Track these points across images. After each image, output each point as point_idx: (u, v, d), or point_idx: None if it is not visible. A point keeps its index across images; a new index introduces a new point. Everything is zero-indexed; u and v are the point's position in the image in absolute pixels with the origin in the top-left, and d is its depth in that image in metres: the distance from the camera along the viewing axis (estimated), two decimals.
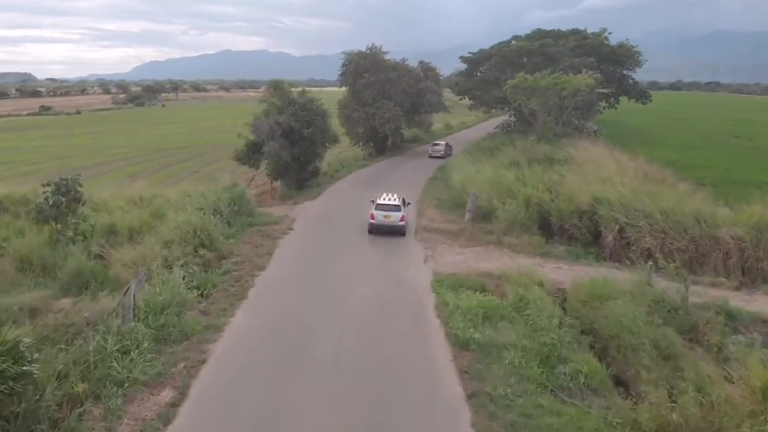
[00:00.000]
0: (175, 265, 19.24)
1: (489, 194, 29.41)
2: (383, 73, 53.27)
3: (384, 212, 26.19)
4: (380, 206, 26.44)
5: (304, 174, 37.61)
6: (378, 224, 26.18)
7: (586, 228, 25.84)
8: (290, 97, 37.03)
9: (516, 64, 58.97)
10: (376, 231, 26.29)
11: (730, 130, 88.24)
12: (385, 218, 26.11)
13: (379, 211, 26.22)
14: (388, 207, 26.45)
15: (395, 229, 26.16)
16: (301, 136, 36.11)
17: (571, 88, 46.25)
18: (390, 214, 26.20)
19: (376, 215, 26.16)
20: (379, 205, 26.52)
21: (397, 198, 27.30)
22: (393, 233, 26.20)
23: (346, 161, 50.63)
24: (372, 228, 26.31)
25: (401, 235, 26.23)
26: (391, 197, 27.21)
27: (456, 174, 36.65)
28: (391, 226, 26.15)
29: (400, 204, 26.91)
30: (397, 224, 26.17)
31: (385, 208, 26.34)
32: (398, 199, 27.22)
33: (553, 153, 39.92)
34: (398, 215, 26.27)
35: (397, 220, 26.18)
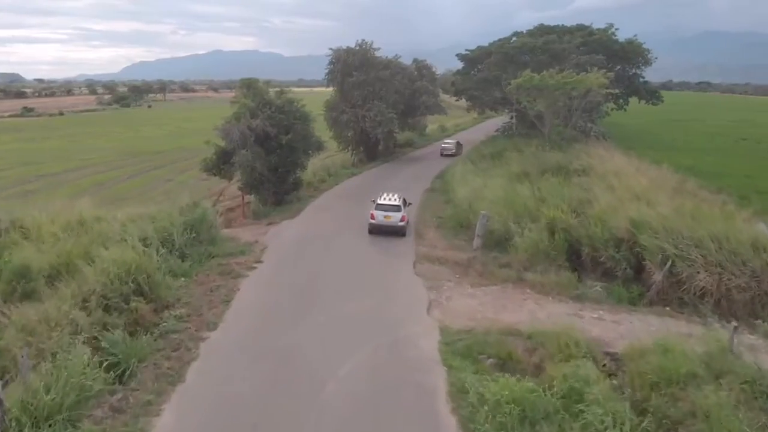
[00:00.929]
0: (87, 332, 13.77)
1: (501, 214, 24.15)
2: (374, 71, 47.94)
3: (384, 212, 25.46)
4: (380, 206, 25.72)
5: (283, 187, 32.22)
6: (378, 224, 25.42)
7: (626, 260, 20.63)
8: (266, 98, 31.58)
9: (517, 62, 53.77)
10: (376, 231, 25.47)
11: (735, 132, 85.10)
12: (386, 218, 25.38)
13: (380, 211, 25.50)
14: (389, 207, 25.72)
15: (395, 229, 25.40)
16: (278, 143, 30.72)
17: (582, 88, 41.11)
18: (390, 214, 25.46)
19: (376, 215, 25.43)
20: (380, 205, 25.80)
21: (397, 198, 26.44)
22: (393, 233, 25.32)
23: (334, 169, 45.27)
24: (372, 228, 25.53)
25: (402, 236, 25.34)
26: (391, 197, 26.46)
27: (459, 187, 31.38)
28: (391, 227, 25.38)
29: (400, 204, 26.10)
30: (398, 224, 25.41)
31: (385, 208, 25.62)
32: (399, 199, 26.39)
33: (568, 162, 34.73)
34: (398, 215, 25.50)
35: (398, 221, 25.41)
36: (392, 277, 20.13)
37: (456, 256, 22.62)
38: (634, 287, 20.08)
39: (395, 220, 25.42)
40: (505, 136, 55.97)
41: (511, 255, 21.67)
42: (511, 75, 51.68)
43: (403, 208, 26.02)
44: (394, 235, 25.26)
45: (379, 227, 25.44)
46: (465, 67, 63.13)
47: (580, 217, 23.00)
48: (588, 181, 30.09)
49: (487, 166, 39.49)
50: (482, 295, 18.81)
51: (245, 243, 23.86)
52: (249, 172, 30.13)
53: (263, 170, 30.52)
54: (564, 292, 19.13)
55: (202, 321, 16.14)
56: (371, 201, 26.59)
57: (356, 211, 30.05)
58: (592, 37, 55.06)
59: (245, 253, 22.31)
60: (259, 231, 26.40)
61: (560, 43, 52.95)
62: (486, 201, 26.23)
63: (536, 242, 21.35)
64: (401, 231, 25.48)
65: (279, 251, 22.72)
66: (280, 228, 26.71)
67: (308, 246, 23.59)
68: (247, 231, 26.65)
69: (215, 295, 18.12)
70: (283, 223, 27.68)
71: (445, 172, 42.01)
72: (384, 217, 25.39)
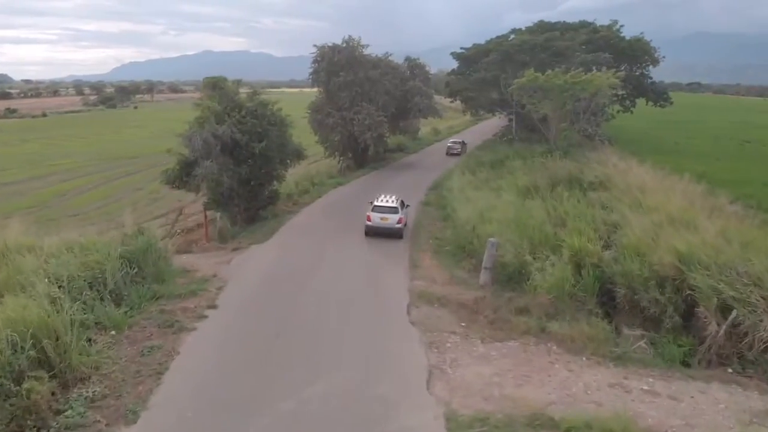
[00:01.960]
0: None
1: (513, 242, 19.76)
2: (362, 70, 43.47)
3: (381, 214, 25.07)
4: (377, 208, 25.35)
5: (255, 202, 27.76)
6: (375, 226, 25.04)
7: (673, 305, 16.30)
8: (235, 100, 27.02)
9: (517, 61, 49.50)
10: (372, 233, 25.05)
11: (737, 135, 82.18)
12: (382, 220, 25.00)
13: (376, 213, 25.12)
14: (386, 209, 25.30)
15: (392, 231, 24.97)
16: (250, 152, 26.23)
17: (592, 88, 36.88)
18: (387, 216, 25.05)
19: (373, 217, 25.07)
20: (377, 207, 25.44)
21: (395, 200, 25.95)
22: (390, 236, 24.83)
23: (318, 177, 40.81)
24: (368, 230, 25.14)
25: (399, 238, 24.86)
26: (389, 199, 25.96)
27: (459, 205, 26.96)
28: (388, 229, 24.96)
29: (397, 206, 25.63)
30: (395, 227, 25.01)
31: (382, 210, 25.23)
32: (396, 201, 25.91)
33: (581, 172, 30.43)
34: (395, 217, 25.11)
35: (395, 223, 25.04)
36: (381, 329, 15.64)
37: (460, 295, 18.20)
38: (683, 339, 15.81)
39: (392, 222, 24.88)
40: (504, 141, 51.68)
41: (528, 296, 17.24)
42: (511, 75, 47.51)
43: (400, 210, 25.47)
44: (391, 237, 24.72)
45: (375, 229, 24.95)
46: (460, 67, 58.74)
47: (611, 247, 18.72)
48: (608, 197, 25.81)
49: (487, 177, 35.13)
50: (497, 357, 14.37)
51: (201, 278, 19.28)
52: (214, 186, 25.60)
53: (232, 183, 26.05)
54: (600, 350, 14.75)
55: (119, 407, 11.64)
56: (369, 203, 26.10)
57: (340, 232, 25.65)
58: (596, 35, 50.83)
59: (197, 293, 17.72)
60: (221, 258, 21.86)
61: (563, 41, 48.68)
62: (493, 223, 21.80)
63: (560, 281, 16.94)
64: (398, 233, 24.94)
65: (239, 291, 18.12)
66: (246, 256, 22.13)
67: (277, 284, 18.96)
68: (207, 259, 22.09)
69: (147, 360, 13.56)
70: (252, 248, 23.12)
71: (441, 183, 37.61)
72: (381, 219, 24.91)
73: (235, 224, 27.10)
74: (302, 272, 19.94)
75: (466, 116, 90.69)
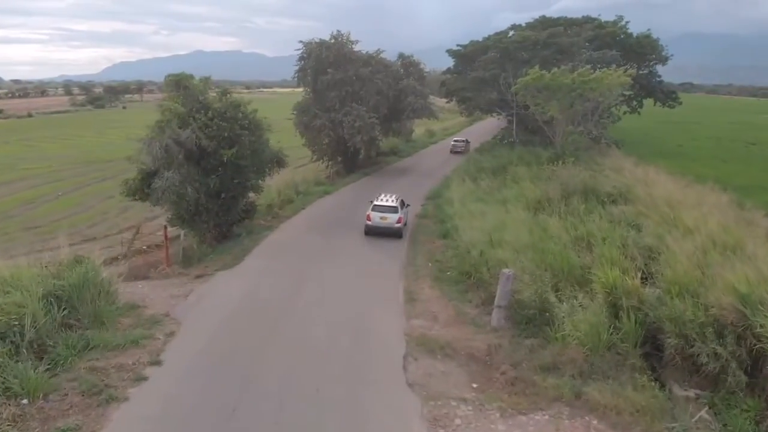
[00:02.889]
0: None
1: (531, 271, 16.25)
2: (352, 68, 39.90)
3: (381, 213, 24.88)
4: (377, 207, 25.19)
5: (227, 217, 24.14)
6: (374, 226, 24.85)
7: (736, 359, 12.83)
8: (202, 100, 23.35)
9: (517, 59, 46.06)
10: (372, 233, 24.85)
11: (739, 136, 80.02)
12: (382, 219, 24.79)
13: (376, 213, 24.95)
14: (385, 208, 25.10)
15: (392, 231, 24.78)
16: (219, 160, 22.60)
17: (603, 88, 33.49)
18: (387, 215, 24.87)
19: (373, 216, 24.89)
20: (376, 206, 25.28)
21: (395, 199, 25.85)
22: (389, 235, 24.65)
23: (304, 185, 37.18)
24: (368, 230, 24.98)
25: (398, 237, 24.70)
26: (389, 198, 25.89)
27: (462, 221, 23.40)
28: (387, 228, 24.77)
29: (397, 206, 25.47)
30: (394, 226, 24.82)
31: (382, 209, 25.04)
32: (396, 201, 25.81)
33: (596, 182, 27.00)
34: (395, 217, 24.92)
35: (394, 222, 24.85)
36: (370, 397, 12.07)
37: (469, 341, 14.67)
38: (748, 401, 12.38)
39: (392, 221, 24.68)
40: (504, 144, 48.20)
41: (555, 347, 13.69)
42: (511, 73, 44.11)
43: (400, 210, 25.23)
44: (391, 236, 24.45)
45: (375, 229, 24.72)
46: (456, 65, 55.17)
47: (651, 280, 15.28)
48: (632, 212, 22.38)
49: (490, 185, 31.67)
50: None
51: (149, 318, 15.61)
52: (176, 199, 21.96)
53: (199, 196, 22.41)
54: (654, 427, 11.30)
55: None
56: (369, 202, 25.97)
57: (323, 253, 22.02)
58: (602, 30, 47.41)
59: (140, 342, 14.03)
60: (179, 290, 18.17)
61: (567, 37, 45.24)
62: (504, 247, 18.26)
63: (594, 327, 13.43)
64: (398, 233, 24.74)
65: (193, 339, 14.41)
66: (209, 286, 18.42)
67: (241, 328, 15.22)
68: (163, 289, 18.42)
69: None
70: (216, 276, 19.41)
71: (439, 192, 34.06)
72: (380, 219, 24.67)
73: (204, 243, 23.48)
74: (274, 310, 16.27)
75: (461, 117, 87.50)
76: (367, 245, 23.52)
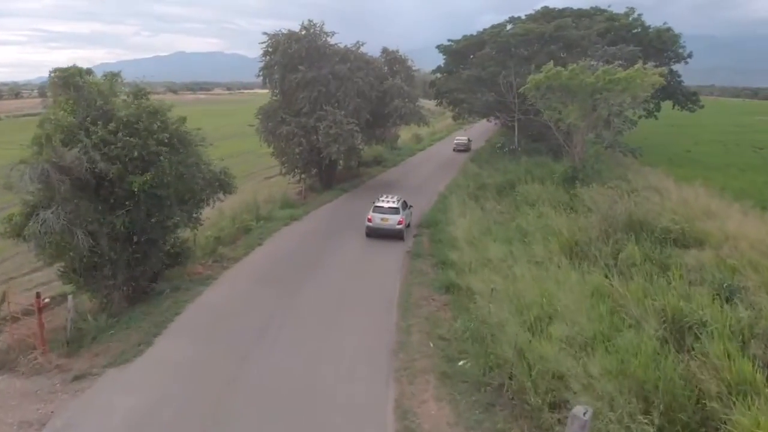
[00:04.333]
0: None
1: (613, 397, 9.44)
2: (327, 65, 32.90)
3: (382, 215, 24.08)
4: (378, 209, 24.39)
5: (144, 267, 17.01)
6: (375, 227, 24.08)
7: None
8: (100, 106, 16.15)
9: (519, 55, 39.43)
10: (373, 234, 24.07)
11: (743, 140, 75.18)
12: (383, 221, 23.98)
13: (377, 214, 24.17)
14: (386, 210, 24.25)
15: (393, 232, 23.92)
16: (127, 190, 15.52)
17: (635, 89, 26.90)
18: (388, 217, 23.99)
19: (374, 218, 24.12)
20: (377, 207, 24.48)
21: (396, 200, 24.93)
22: (391, 237, 23.81)
23: (270, 205, 30.15)
24: (369, 231, 24.17)
25: (400, 239, 23.74)
26: (390, 199, 25.03)
27: (475, 276, 16.34)
28: (388, 230, 23.92)
29: (399, 207, 24.51)
30: (395, 228, 23.91)
31: (383, 211, 24.23)
32: (398, 202, 24.86)
33: (644, 210, 20.26)
34: (396, 218, 23.97)
35: (395, 224, 23.92)
36: None
37: None
38: None
39: (393, 223, 23.98)
40: (505, 153, 41.44)
41: None
42: (513, 72, 37.44)
43: (401, 212, 24.42)
44: (392, 238, 23.75)
45: (376, 230, 24.08)
46: (447, 64, 48.26)
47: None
48: (712, 259, 15.71)
49: (500, 211, 24.93)
50: None
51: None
52: (58, 249, 14.86)
53: (99, 243, 15.33)
54: None
55: None
56: (371, 202, 25.23)
57: (279, 328, 15.00)
58: (616, 23, 40.86)
59: None
60: (39, 407, 11.10)
61: (577, 30, 38.61)
62: (554, 342, 11.36)
63: None
64: (399, 235, 24.00)
65: None
66: (84, 403, 11.35)
67: None
68: (21, 399, 11.35)
69: None
70: (105, 376, 12.36)
71: (434, 217, 27.04)
72: (381, 220, 24.02)
73: (108, 308, 16.35)
74: None
75: (447, 120, 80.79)
76: (342, 308, 16.52)
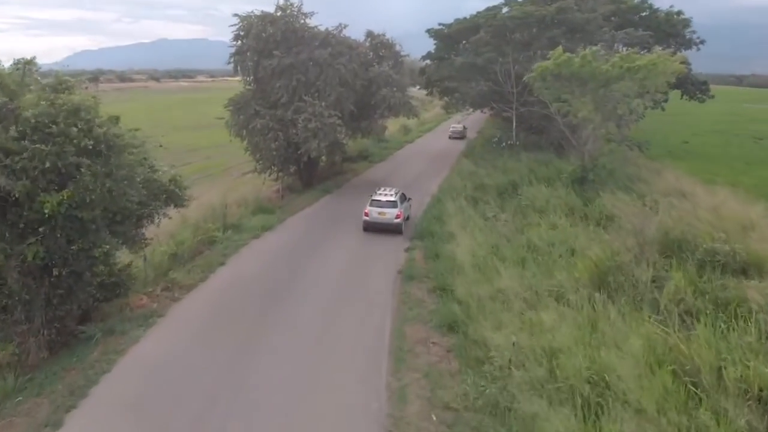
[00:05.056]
0: None
1: None
2: (305, 50, 29.04)
3: (379, 209, 23.17)
4: (375, 202, 23.48)
5: (71, 305, 13.29)
6: (372, 222, 23.16)
7: None
8: (4, 103, 12.24)
9: (516, 41, 35.82)
10: (371, 229, 23.19)
11: (740, 129, 69.97)
12: (380, 215, 23.11)
13: (374, 208, 23.27)
14: (384, 203, 23.36)
15: (391, 227, 23.01)
16: (40, 212, 11.76)
17: (658, 78, 23.47)
18: (385, 210, 23.10)
19: (371, 212, 23.24)
20: (374, 201, 23.57)
21: (394, 194, 23.99)
22: (388, 231, 22.93)
23: (242, 208, 26.42)
24: (366, 226, 23.27)
25: (398, 233, 22.85)
26: (388, 192, 24.21)
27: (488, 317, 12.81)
28: (386, 224, 23.03)
29: (396, 200, 23.56)
30: (393, 222, 23.02)
31: (380, 205, 23.32)
32: (395, 195, 23.90)
33: (680, 224, 16.86)
34: (394, 212, 23.08)
35: (393, 218, 23.02)
36: None
37: None
38: None
39: (390, 217, 23.01)
40: (502, 148, 37.85)
41: None
42: (511, 59, 33.92)
43: (399, 205, 23.45)
44: (390, 233, 22.76)
45: (373, 224, 23.10)
46: (438, 50, 44.43)
47: None
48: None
49: (502, 220, 21.43)
50: None
51: None
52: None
53: (9, 280, 11.62)
54: None
55: None
56: (369, 196, 24.19)
57: (238, 396, 11.41)
58: (622, 5, 37.29)
59: None
60: None
61: (581, 12, 35.03)
62: None
63: None
64: (397, 229, 23.02)
65: None
66: None
67: None
68: None
69: None
70: None
71: (428, 227, 23.29)
72: (378, 214, 23.10)
73: (24, 359, 12.67)
74: None
75: (436, 109, 77.13)
76: (316, 369, 12.81)
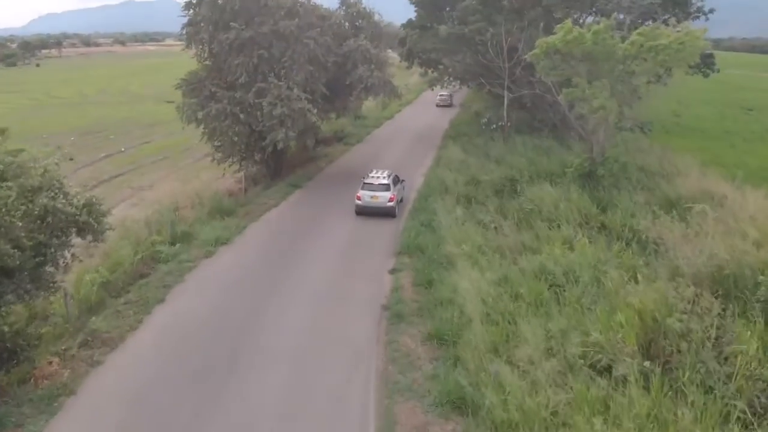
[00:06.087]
0: None
1: None
2: (269, 21, 24.46)
3: (371, 192, 22.00)
4: (367, 186, 22.29)
5: None
6: (365, 205, 22.04)
7: None
8: None
9: (510, 8, 31.51)
10: (363, 213, 22.07)
11: (729, 99, 66.74)
12: (372, 199, 21.96)
13: (366, 191, 22.11)
14: (377, 187, 22.18)
15: (384, 210, 21.90)
16: None
17: (684, 56, 19.67)
18: (378, 194, 21.94)
19: (363, 196, 22.09)
20: (366, 184, 22.36)
21: (387, 176, 22.79)
22: (381, 215, 21.73)
23: (195, 210, 22.28)
24: (359, 210, 22.17)
25: (391, 217, 21.73)
26: (380, 174, 22.96)
27: (497, 389, 9.19)
28: (379, 208, 21.90)
29: (389, 183, 22.41)
30: (386, 205, 21.91)
31: (372, 188, 22.15)
32: (388, 177, 22.71)
33: (735, 255, 13.29)
34: (387, 195, 21.95)
35: (386, 201, 21.91)
36: None
37: None
38: None
39: (383, 200, 21.86)
40: (494, 131, 33.79)
41: None
42: (503, 29, 29.85)
43: (392, 187, 22.26)
44: (383, 216, 21.59)
45: (366, 209, 21.98)
46: (420, 18, 39.79)
47: None
48: None
49: (503, 230, 17.68)
50: None
51: None
52: None
53: None
54: None
55: None
56: (362, 179, 22.71)
57: None
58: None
59: None
60: None
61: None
62: None
63: None
64: (390, 212, 21.92)
65: None
66: None
67: None
68: None
69: None
70: None
71: (416, 240, 18.94)
72: (371, 198, 21.93)
73: None
74: None
75: (415, 76, 72.45)
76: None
